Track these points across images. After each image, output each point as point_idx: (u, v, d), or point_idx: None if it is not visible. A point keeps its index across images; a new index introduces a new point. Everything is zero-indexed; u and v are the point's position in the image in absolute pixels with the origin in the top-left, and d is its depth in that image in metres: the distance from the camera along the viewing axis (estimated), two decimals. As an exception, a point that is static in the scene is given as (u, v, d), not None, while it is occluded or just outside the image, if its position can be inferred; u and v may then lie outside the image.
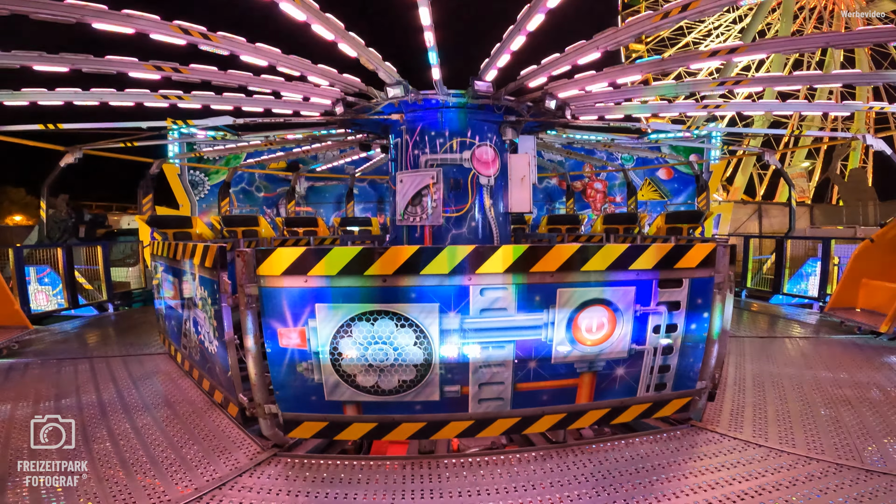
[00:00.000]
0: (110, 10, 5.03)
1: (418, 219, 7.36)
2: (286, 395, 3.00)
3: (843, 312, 6.47)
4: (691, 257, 3.14)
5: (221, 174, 14.72)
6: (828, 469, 2.80)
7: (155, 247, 5.47)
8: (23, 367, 4.90)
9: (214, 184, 14.91)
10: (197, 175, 14.85)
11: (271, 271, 2.85)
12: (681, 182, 16.46)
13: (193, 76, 6.62)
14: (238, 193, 15.31)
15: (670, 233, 11.03)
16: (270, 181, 16.17)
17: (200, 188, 14.97)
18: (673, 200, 16.48)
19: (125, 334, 6.55)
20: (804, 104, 16.54)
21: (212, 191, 14.95)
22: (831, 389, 4.10)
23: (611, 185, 17.08)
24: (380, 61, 6.56)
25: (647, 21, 5.59)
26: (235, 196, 15.15)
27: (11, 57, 5.69)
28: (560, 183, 16.70)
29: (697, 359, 3.32)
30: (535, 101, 7.55)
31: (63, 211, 10.72)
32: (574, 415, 3.18)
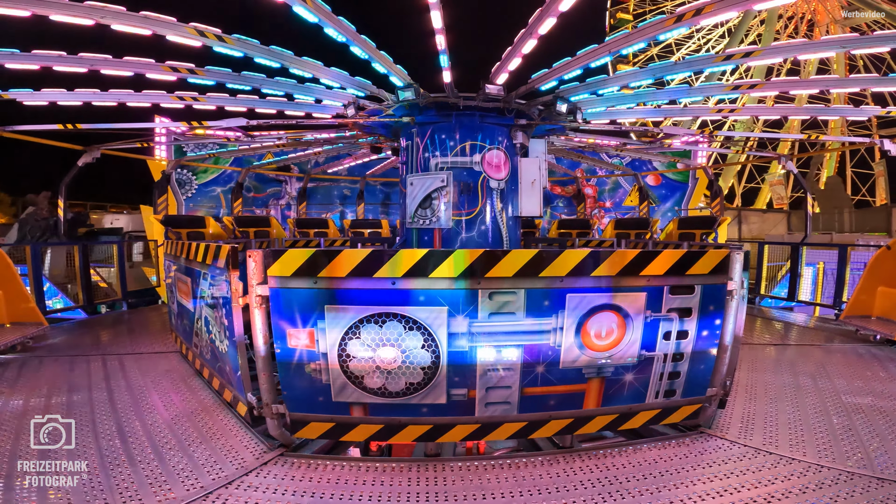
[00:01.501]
0: (129, 12, 5.12)
1: (428, 222, 7.38)
2: (294, 396, 3.02)
3: (858, 320, 6.36)
4: (704, 264, 3.11)
5: (211, 172, 14.58)
6: (839, 477, 2.76)
7: (168, 246, 5.54)
8: (36, 363, 4.99)
9: (202, 183, 14.72)
10: (184, 174, 14.50)
11: (282, 272, 2.87)
12: (668, 188, 16.73)
13: (208, 77, 6.71)
14: (227, 193, 14.92)
15: (682, 238, 10.93)
16: (261, 181, 15.89)
17: (188, 187, 14.71)
18: (661, 206, 16.63)
19: (137, 333, 6.64)
20: (821, 108, 16.34)
21: (199, 190, 14.75)
22: (845, 398, 4.03)
23: (601, 189, 16.95)
24: (391, 64, 6.60)
25: (661, 25, 5.56)
26: (224, 196, 14.93)
27: (31, 58, 5.82)
28: (552, 188, 16.57)
29: (708, 366, 3.29)
30: (546, 104, 7.54)
31: (44, 210, 10.41)
32: (581, 420, 3.16)
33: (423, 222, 7.42)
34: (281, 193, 16.11)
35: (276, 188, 16.04)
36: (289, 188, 16.08)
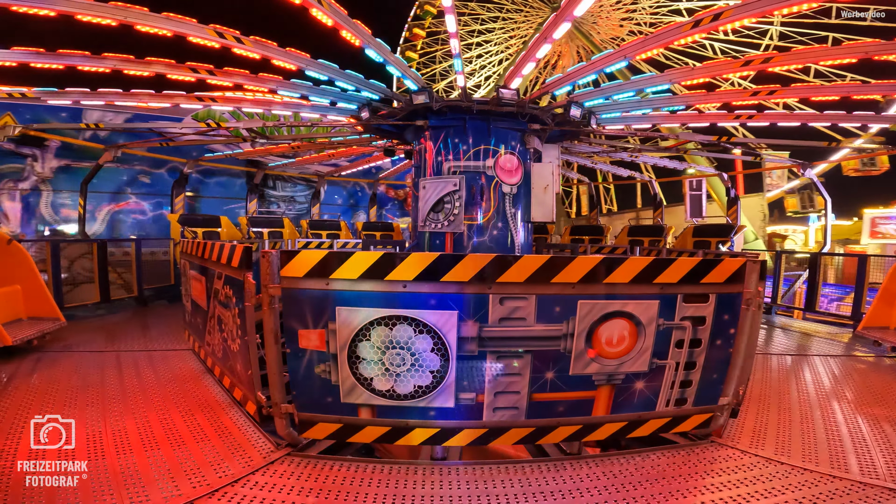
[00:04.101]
0: (151, 13, 5.23)
1: (440, 226, 7.39)
2: (303, 396, 3.04)
3: (876, 332, 6.22)
4: (719, 272, 3.07)
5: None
6: (851, 487, 2.71)
7: (184, 245, 5.62)
8: (51, 358, 5.09)
9: None
10: None
11: (294, 273, 2.90)
12: None
13: (226, 79, 6.81)
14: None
15: (697, 246, 10.80)
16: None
17: None
18: None
19: (151, 330, 6.73)
20: (842, 115, 16.00)
21: None
22: (860, 408, 3.96)
23: None
24: (405, 67, 6.64)
25: (677, 30, 5.52)
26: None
27: (57, 57, 5.96)
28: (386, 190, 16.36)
29: (721, 375, 3.24)
30: (560, 109, 7.52)
31: None
32: (590, 427, 3.13)
33: (435, 226, 7.43)
34: (24, 174, 11.42)
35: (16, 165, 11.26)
36: (39, 166, 11.42)
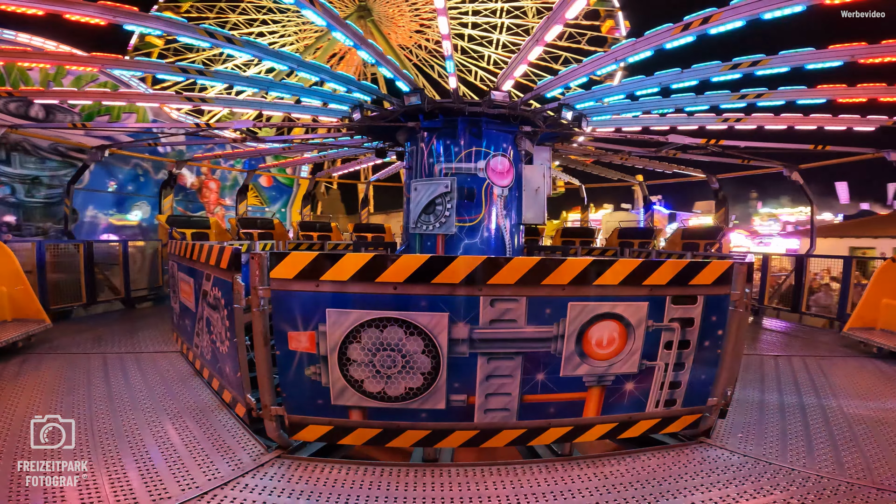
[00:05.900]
0: (141, 12, 5.18)
1: (431, 227, 7.39)
2: (293, 398, 3.02)
3: (862, 332, 6.31)
4: (707, 274, 3.11)
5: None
6: (838, 487, 2.75)
7: (171, 246, 5.57)
8: (36, 360, 5.00)
9: None
10: None
11: (284, 275, 2.88)
12: (278, 191, 18.55)
13: (217, 80, 6.77)
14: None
15: (686, 248, 10.91)
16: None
17: None
18: (270, 207, 18.04)
19: (139, 332, 6.66)
20: (828, 118, 16.21)
21: None
22: (847, 409, 4.02)
23: (223, 185, 16.71)
24: (397, 69, 6.64)
25: (667, 33, 5.57)
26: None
27: (46, 57, 5.89)
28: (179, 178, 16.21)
29: (710, 376, 3.27)
30: (552, 111, 7.56)
31: None
32: (581, 428, 3.15)
33: (427, 228, 7.43)
34: None
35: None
36: None
